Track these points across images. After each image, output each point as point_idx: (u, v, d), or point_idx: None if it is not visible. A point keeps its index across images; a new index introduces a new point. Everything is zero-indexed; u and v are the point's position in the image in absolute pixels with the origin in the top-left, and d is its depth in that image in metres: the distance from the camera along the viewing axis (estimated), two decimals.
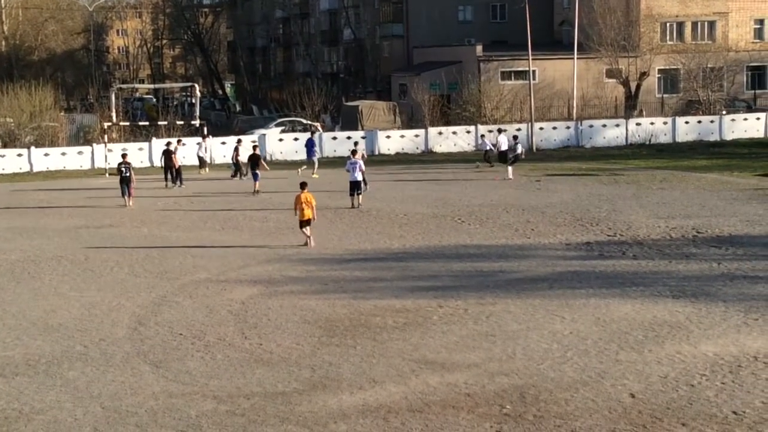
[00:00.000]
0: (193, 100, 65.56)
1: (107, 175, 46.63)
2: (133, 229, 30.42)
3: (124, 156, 37.42)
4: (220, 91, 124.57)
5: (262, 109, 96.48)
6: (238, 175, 43.78)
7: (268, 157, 54.47)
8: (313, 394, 13.93)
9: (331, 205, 33.69)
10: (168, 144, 43.95)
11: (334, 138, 56.70)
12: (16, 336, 17.66)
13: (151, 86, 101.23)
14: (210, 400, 13.80)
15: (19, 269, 24.13)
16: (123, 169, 35.97)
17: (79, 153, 53.40)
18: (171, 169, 41.80)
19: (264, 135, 57.47)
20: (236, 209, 33.49)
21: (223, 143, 53.66)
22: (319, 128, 60.86)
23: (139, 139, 56.26)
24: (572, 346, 15.92)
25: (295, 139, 56.70)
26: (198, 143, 49.29)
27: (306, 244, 26.10)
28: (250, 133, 61.33)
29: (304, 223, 26.00)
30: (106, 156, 49.06)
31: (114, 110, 55.62)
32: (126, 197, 35.78)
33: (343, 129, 62.37)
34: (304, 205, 25.75)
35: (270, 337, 17.09)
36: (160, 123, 59.99)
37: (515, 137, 45.23)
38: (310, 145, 46.37)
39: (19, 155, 52.23)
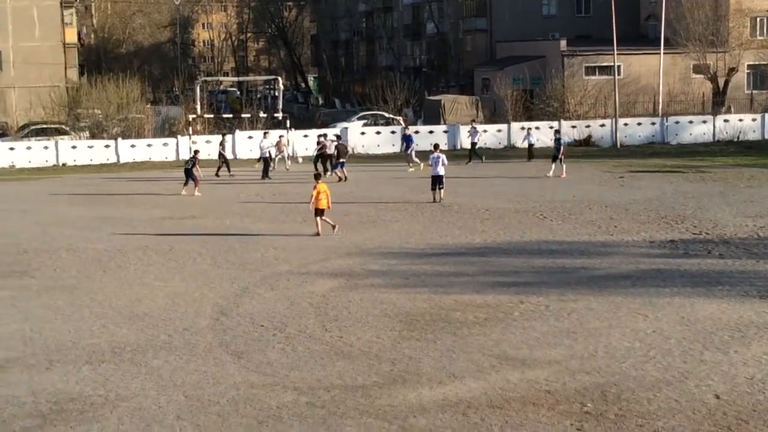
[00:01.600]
0: (277, 93, 66.00)
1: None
2: (215, 220, 30.75)
3: (196, 153, 39.09)
4: (303, 85, 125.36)
5: (344, 103, 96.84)
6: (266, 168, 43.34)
7: (350, 150, 54.73)
8: (392, 388, 13.95)
9: (413, 199, 33.73)
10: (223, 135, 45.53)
11: (416, 132, 56.60)
12: (102, 324, 17.97)
13: (235, 79, 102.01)
14: (290, 392, 13.89)
15: (105, 258, 24.54)
16: (189, 161, 38.33)
17: (164, 145, 54.19)
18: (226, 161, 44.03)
19: (346, 128, 57.69)
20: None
21: (305, 136, 53.97)
22: (402, 122, 60.93)
23: (223, 132, 56.80)
24: (655, 345, 15.72)
25: (377, 132, 56.90)
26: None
27: (317, 234, 26.57)
28: (333, 126, 61.63)
29: (319, 211, 26.57)
30: (190, 148, 49.61)
31: (199, 102, 56.23)
32: (191, 186, 37.44)
33: (425, 123, 62.37)
34: (321, 195, 26.42)
35: (350, 330, 17.15)
36: (243, 115, 60.55)
37: (557, 132, 44.26)
38: (407, 140, 45.96)
39: (107, 146, 53.16)
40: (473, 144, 47.58)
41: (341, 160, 40.30)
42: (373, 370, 14.79)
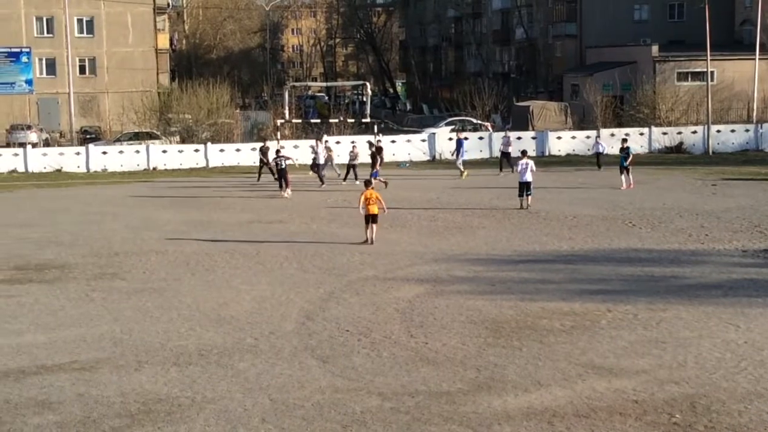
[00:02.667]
0: (365, 99, 66.23)
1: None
2: (302, 225, 30.96)
3: (278, 151, 39.78)
4: (391, 90, 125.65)
5: (432, 108, 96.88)
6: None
7: (437, 156, 54.73)
8: (477, 395, 13.90)
9: (500, 205, 33.60)
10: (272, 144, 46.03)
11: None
12: (190, 326, 18.20)
13: (324, 84, 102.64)
14: (375, 397, 13.91)
15: (194, 261, 24.86)
16: (279, 161, 38.77)
17: (253, 149, 54.61)
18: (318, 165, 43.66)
19: (434, 134, 57.72)
20: (404, 207, 33.65)
21: (393, 141, 54.09)
22: (489, 128, 60.74)
23: (311, 137, 57.16)
24: (747, 357, 15.42)
25: (465, 138, 56.77)
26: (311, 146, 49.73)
27: (367, 241, 26.59)
28: (420, 131, 61.71)
29: (370, 218, 26.54)
30: (278, 150, 49.92)
31: (287, 108, 56.65)
32: (282, 189, 37.99)
33: (513, 129, 62.07)
34: (369, 201, 26.39)
35: (436, 336, 17.13)
36: (331, 120, 60.87)
37: (624, 140, 42.06)
38: (459, 144, 45.71)
39: (196, 150, 53.93)
40: (505, 153, 46.14)
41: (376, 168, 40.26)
42: (458, 377, 14.75)
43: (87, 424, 12.99)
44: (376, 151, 43.03)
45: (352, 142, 48.56)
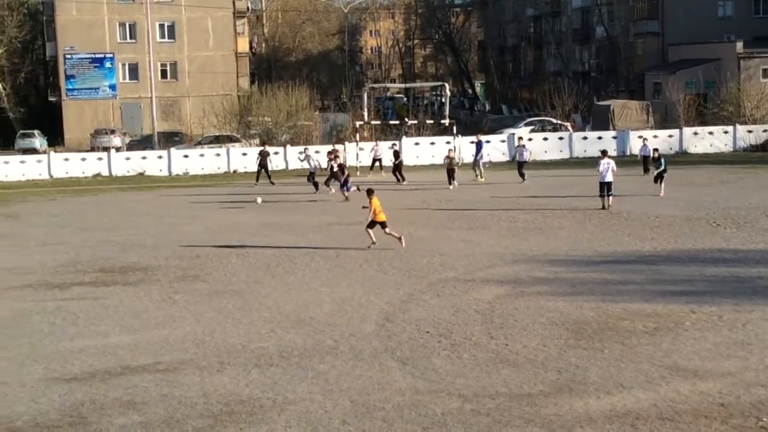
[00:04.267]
0: (443, 100, 66.13)
1: (358, 172, 47.72)
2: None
3: (329, 153, 40.67)
4: (470, 91, 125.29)
5: (511, 109, 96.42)
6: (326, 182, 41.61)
7: (516, 157, 54.44)
8: (558, 397, 13.81)
9: (580, 206, 33.32)
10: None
11: (585, 138, 56.09)
12: (270, 328, 18.36)
13: (402, 86, 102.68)
14: (455, 399, 13.90)
15: (274, 264, 25.06)
16: (332, 165, 39.69)
17: (393, 144, 54.89)
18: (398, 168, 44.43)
19: (513, 134, 57.45)
20: (484, 209, 33.54)
21: (472, 142, 53.90)
22: (569, 128, 60.32)
23: (390, 138, 57.28)
24: None
25: (545, 138, 56.49)
26: (373, 146, 49.81)
27: (373, 244, 26.60)
28: (499, 132, 61.51)
29: (377, 224, 26.48)
30: (357, 154, 50.25)
31: (366, 109, 56.78)
32: (343, 190, 38.27)
33: (593, 129, 61.58)
34: (377, 209, 26.39)
35: (516, 338, 17.06)
36: (410, 122, 60.89)
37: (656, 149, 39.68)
38: (479, 147, 45.22)
39: (276, 153, 54.26)
40: (521, 163, 44.40)
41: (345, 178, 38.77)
42: (538, 379, 14.68)
43: (171, 425, 13.18)
44: (394, 157, 45.14)
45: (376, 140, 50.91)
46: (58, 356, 16.76)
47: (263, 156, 45.29)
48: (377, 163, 49.01)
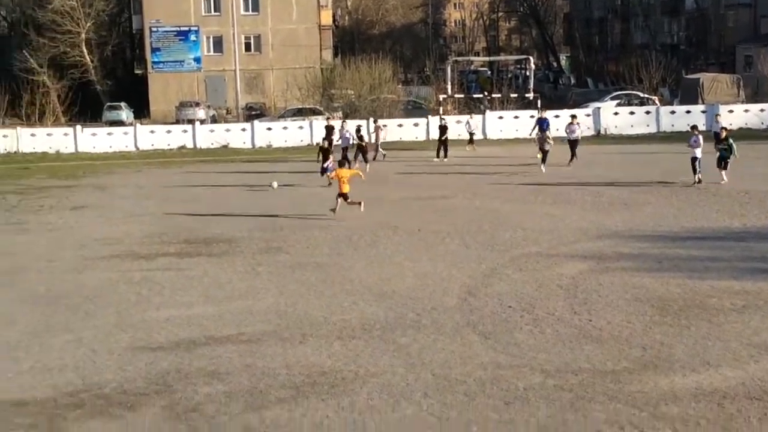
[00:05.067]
0: (528, 73, 65.69)
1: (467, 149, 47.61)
2: (465, 200, 30.96)
3: (358, 129, 40.36)
4: (555, 64, 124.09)
5: (597, 82, 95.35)
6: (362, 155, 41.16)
7: (602, 131, 53.90)
8: (643, 374, 13.69)
9: (667, 181, 32.88)
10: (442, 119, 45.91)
11: (673, 112, 55.24)
12: (352, 301, 18.46)
13: (486, 59, 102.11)
14: (538, 374, 13.86)
15: (356, 237, 25.16)
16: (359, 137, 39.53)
17: (415, 125, 54.94)
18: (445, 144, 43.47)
19: (599, 108, 56.87)
20: (569, 183, 33.26)
21: (557, 116, 53.53)
22: (657, 102, 59.48)
23: (474, 111, 57.05)
24: None
25: (631, 113, 55.81)
26: (467, 120, 49.18)
27: (334, 210, 27.96)
28: (585, 106, 60.87)
29: (342, 195, 27.98)
30: (442, 124, 50.10)
31: (449, 82, 56.65)
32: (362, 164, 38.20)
33: (682, 103, 60.62)
34: (344, 179, 28.02)
35: (600, 314, 16.94)
36: (493, 95, 60.62)
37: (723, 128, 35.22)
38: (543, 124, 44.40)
39: (359, 126, 54.38)
40: (572, 141, 42.19)
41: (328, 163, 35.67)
42: (623, 355, 14.57)
43: (254, 395, 13.35)
44: (440, 132, 43.95)
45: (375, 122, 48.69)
46: (145, 325, 17.06)
47: (329, 131, 45.00)
48: (472, 137, 47.92)
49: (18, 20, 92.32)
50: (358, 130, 41.33)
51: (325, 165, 35.57)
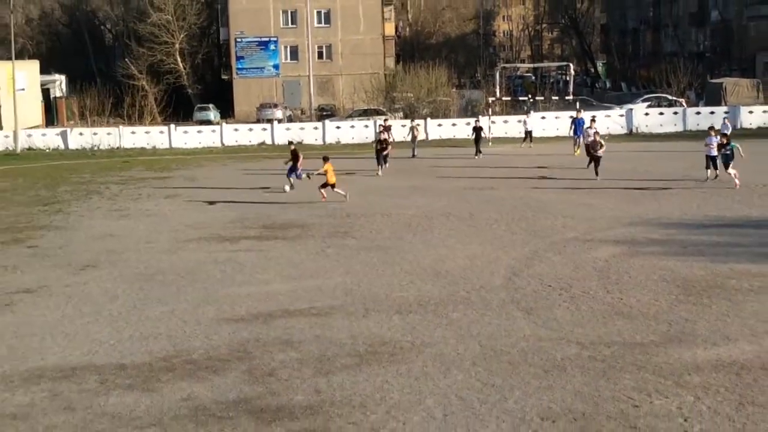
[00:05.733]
0: (568, 78, 65.17)
1: (489, 143, 47.39)
2: (510, 191, 30.79)
3: (386, 129, 37.70)
4: (592, 70, 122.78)
5: (630, 86, 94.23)
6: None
7: (634, 130, 53.30)
8: (668, 347, 13.55)
9: (693, 175, 32.41)
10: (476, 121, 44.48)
11: (698, 113, 54.45)
12: (410, 280, 18.46)
13: (531, 65, 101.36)
14: (574, 346, 13.77)
15: (414, 223, 25.16)
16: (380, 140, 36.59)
17: (467, 124, 54.64)
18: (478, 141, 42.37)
19: (631, 109, 56.25)
20: (604, 177, 32.85)
21: (593, 119, 52.95)
22: (684, 103, 58.69)
23: (519, 113, 56.76)
24: None
25: (660, 113, 55.14)
26: (524, 120, 48.62)
27: (324, 199, 28.63)
28: (619, 107, 60.25)
29: (329, 185, 28.43)
30: (489, 127, 49.92)
31: (498, 86, 56.38)
32: (380, 167, 36.22)
33: (706, 104, 59.74)
34: (330, 173, 28.31)
35: (630, 293, 16.78)
36: (537, 98, 60.24)
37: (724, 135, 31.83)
38: (579, 124, 43.62)
39: (418, 125, 54.29)
40: (528, 132, 39.79)
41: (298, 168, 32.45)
42: (650, 330, 14.42)
43: (323, 361, 13.41)
44: (475, 132, 42.49)
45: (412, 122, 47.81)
46: (228, 300, 17.21)
47: (386, 130, 44.60)
48: (528, 136, 46.70)
49: (121, 32, 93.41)
50: (382, 131, 39.33)
51: (295, 167, 32.14)
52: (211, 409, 11.70)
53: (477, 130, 42.80)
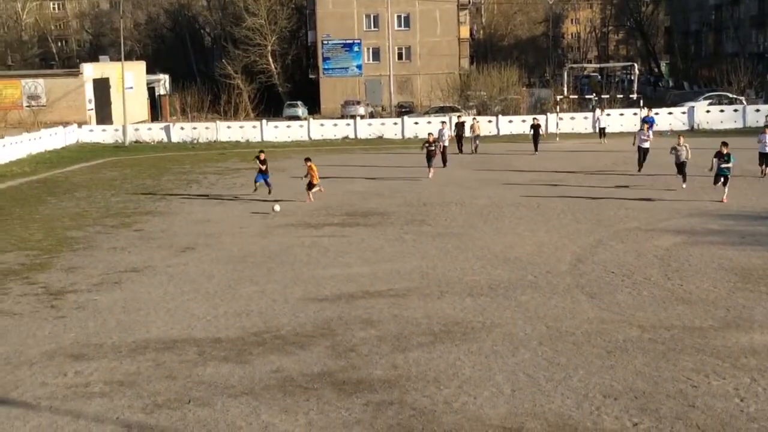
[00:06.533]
0: (632, 77, 64.05)
1: (557, 139, 46.86)
2: (576, 183, 30.42)
3: (429, 135, 34.07)
4: (656, 70, 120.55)
5: (692, 85, 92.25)
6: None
7: (695, 126, 52.19)
8: (726, 331, 13.28)
9: (752, 170, 31.62)
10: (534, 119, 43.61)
11: (757, 110, 53.07)
12: (481, 265, 18.40)
13: (597, 65, 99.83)
14: (635, 328, 13.59)
15: (486, 212, 25.04)
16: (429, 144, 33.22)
17: (523, 121, 54.10)
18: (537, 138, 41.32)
19: (693, 107, 55.05)
20: (665, 173, 32.22)
21: (656, 114, 52.05)
22: (744, 101, 57.26)
23: (585, 110, 56.05)
24: None
25: (721, 110, 53.87)
26: (598, 117, 47.69)
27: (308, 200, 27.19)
28: (681, 105, 59.02)
29: (312, 185, 27.12)
30: (557, 123, 49.41)
31: (566, 86, 55.70)
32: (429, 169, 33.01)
33: (766, 102, 58.22)
34: (314, 172, 27.03)
35: (690, 280, 16.48)
36: (602, 96, 59.38)
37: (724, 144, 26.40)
38: (650, 121, 42.42)
39: (489, 121, 53.96)
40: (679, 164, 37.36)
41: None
42: (709, 315, 14.15)
43: (400, 339, 13.46)
44: (534, 130, 41.29)
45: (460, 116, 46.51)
46: (313, 281, 17.35)
47: (459, 127, 44.25)
48: (602, 132, 45.62)
49: (219, 36, 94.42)
50: (434, 140, 34.16)
51: (262, 173, 28.96)
52: (298, 380, 11.83)
53: (535, 128, 42.19)
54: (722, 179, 25.58)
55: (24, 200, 30.48)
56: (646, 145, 32.44)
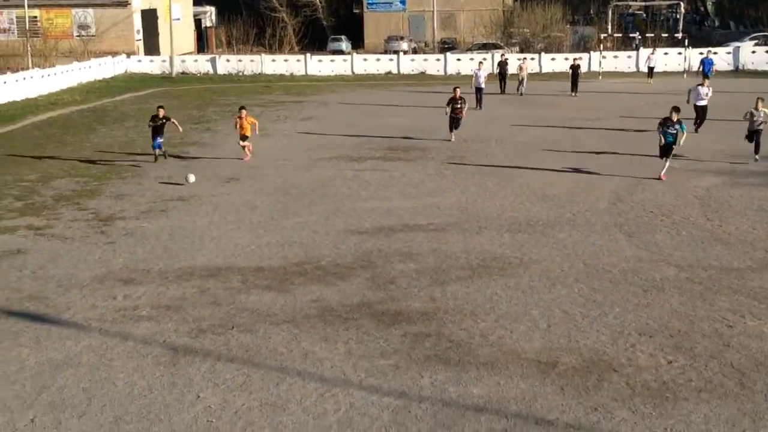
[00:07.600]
0: (678, 16, 62.67)
1: (599, 77, 46.13)
2: (616, 122, 30.00)
3: (456, 90, 27.88)
4: (702, 8, 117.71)
5: (738, 25, 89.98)
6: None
7: (740, 67, 51.03)
8: (764, 273, 13.12)
9: None
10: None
11: None
12: (520, 202, 18.30)
13: (642, 3, 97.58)
14: (672, 268, 13.48)
15: (526, 149, 24.82)
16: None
17: (565, 59, 53.26)
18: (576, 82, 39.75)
19: (738, 47, 53.75)
20: (709, 118, 31.64)
21: (701, 54, 50.93)
22: None
23: (629, 49, 55.03)
24: None
25: (767, 51, 52.57)
26: (648, 56, 46.61)
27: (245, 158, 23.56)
28: (726, 45, 57.65)
29: (243, 137, 23.27)
30: (600, 62, 48.58)
31: (610, 24, 54.66)
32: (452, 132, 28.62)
33: None
34: (245, 123, 23.08)
35: (729, 221, 16.26)
36: (647, 35, 58.20)
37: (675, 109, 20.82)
38: (708, 63, 41.26)
39: (532, 59, 53.23)
40: (651, 68, 34.19)
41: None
42: (747, 256, 13.98)
43: (438, 273, 13.48)
44: (573, 70, 39.95)
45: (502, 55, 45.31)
46: (354, 214, 17.39)
47: (502, 65, 43.41)
48: (650, 72, 44.64)
49: None
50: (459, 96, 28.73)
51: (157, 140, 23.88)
52: (338, 310, 11.92)
53: (574, 68, 41.31)
54: (668, 149, 20.19)
55: (75, 128, 30.76)
56: (703, 102, 27.76)
